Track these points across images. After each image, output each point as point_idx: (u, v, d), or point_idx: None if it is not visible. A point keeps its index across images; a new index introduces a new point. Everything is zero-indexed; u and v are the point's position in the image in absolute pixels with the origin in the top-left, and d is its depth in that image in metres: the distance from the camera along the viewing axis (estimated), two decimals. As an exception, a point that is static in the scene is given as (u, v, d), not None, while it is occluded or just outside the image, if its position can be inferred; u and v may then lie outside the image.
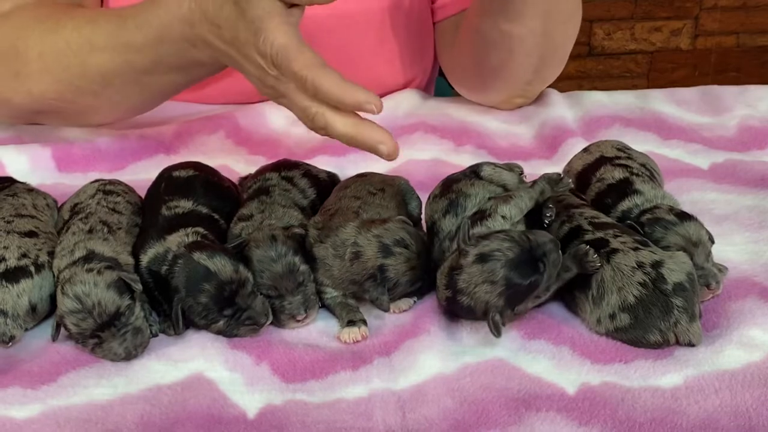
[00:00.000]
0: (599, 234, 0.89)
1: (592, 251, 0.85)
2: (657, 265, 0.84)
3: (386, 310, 0.87)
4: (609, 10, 3.00)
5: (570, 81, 2.92)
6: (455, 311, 0.87)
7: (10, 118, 1.23)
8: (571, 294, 0.88)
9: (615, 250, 0.86)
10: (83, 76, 1.11)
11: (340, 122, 0.90)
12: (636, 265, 0.84)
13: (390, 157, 0.89)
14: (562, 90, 1.40)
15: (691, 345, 0.83)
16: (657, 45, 3.10)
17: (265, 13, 0.92)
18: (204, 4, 0.99)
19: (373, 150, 0.90)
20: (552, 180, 0.91)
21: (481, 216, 0.89)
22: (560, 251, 0.85)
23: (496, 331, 0.82)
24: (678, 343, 0.83)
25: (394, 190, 0.98)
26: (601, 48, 3.04)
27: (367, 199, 0.94)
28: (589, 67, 3.05)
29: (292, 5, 0.93)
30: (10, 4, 1.18)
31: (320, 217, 0.93)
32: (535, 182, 0.92)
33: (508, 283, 0.83)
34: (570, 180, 0.92)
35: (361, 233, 0.88)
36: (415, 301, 0.90)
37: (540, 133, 1.28)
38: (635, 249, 0.86)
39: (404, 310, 0.90)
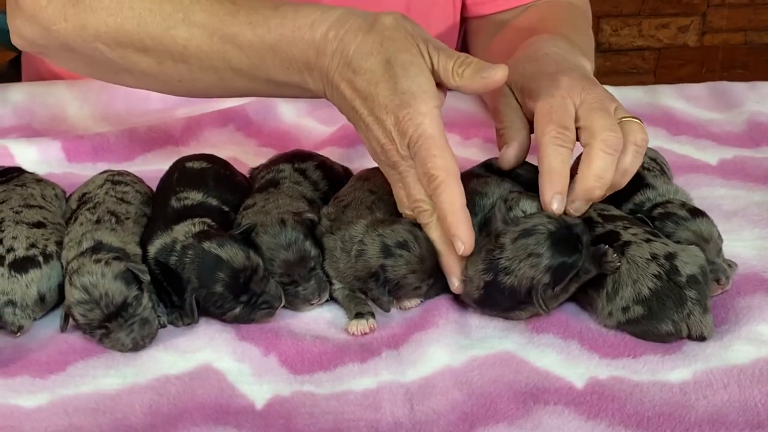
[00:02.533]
0: (609, 226, 0.89)
1: (611, 251, 0.85)
2: (671, 257, 0.84)
3: (386, 310, 0.87)
4: (617, 6, 3.00)
5: (577, 77, 2.91)
6: (492, 300, 0.85)
7: (33, 44, 1.08)
8: (584, 290, 0.87)
9: (628, 243, 0.86)
10: (159, 40, 0.97)
11: (436, 233, 0.87)
12: (650, 257, 0.84)
13: (455, 290, 0.88)
14: (569, 85, 1.39)
15: (701, 338, 0.83)
16: (664, 41, 3.10)
17: (420, 90, 0.86)
18: (347, 41, 0.89)
19: (446, 275, 0.88)
20: (594, 257, 0.88)
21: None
22: None
23: (545, 306, 0.82)
24: (689, 335, 0.84)
25: None
26: (609, 44, 3.04)
27: (382, 195, 0.93)
28: (596, 64, 3.04)
29: (438, 85, 0.88)
30: None
31: (333, 208, 0.93)
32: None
33: (554, 255, 0.82)
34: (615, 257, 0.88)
35: (368, 232, 0.88)
36: (421, 301, 0.90)
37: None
38: (647, 241, 0.86)
39: (408, 308, 0.90)
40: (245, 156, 1.17)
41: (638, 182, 0.97)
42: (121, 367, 0.82)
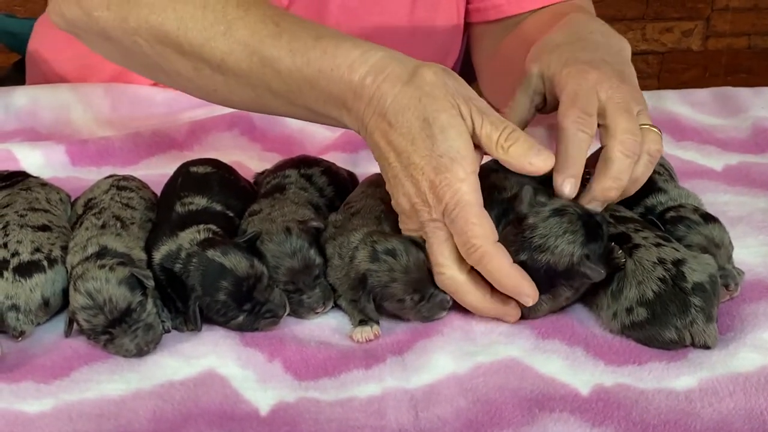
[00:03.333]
0: (621, 228, 0.89)
1: (617, 248, 0.85)
2: (679, 263, 0.84)
3: (373, 320, 0.87)
4: (620, 10, 2.99)
5: (580, 81, 2.91)
6: (530, 272, 0.84)
7: (74, 26, 1.05)
8: (593, 289, 0.87)
9: (637, 245, 0.86)
10: (198, 48, 0.95)
11: (472, 296, 0.86)
12: (657, 261, 0.84)
13: (510, 322, 0.87)
14: (573, 90, 1.39)
15: (705, 347, 0.83)
16: (668, 46, 3.10)
17: (459, 155, 0.83)
18: (384, 90, 0.86)
19: (501, 319, 0.87)
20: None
21: None
22: None
23: (598, 271, 0.83)
24: (693, 343, 0.83)
25: None
26: (612, 48, 3.03)
27: (390, 206, 0.92)
28: (599, 68, 3.05)
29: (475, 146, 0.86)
30: None
31: (341, 216, 0.93)
32: None
33: (588, 234, 0.83)
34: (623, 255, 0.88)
35: (364, 239, 0.88)
36: (377, 334, 0.87)
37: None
38: (657, 245, 0.86)
39: (359, 340, 0.86)
40: (249, 160, 1.17)
41: (649, 186, 0.96)
42: (126, 373, 0.82)
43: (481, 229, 0.83)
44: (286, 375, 0.82)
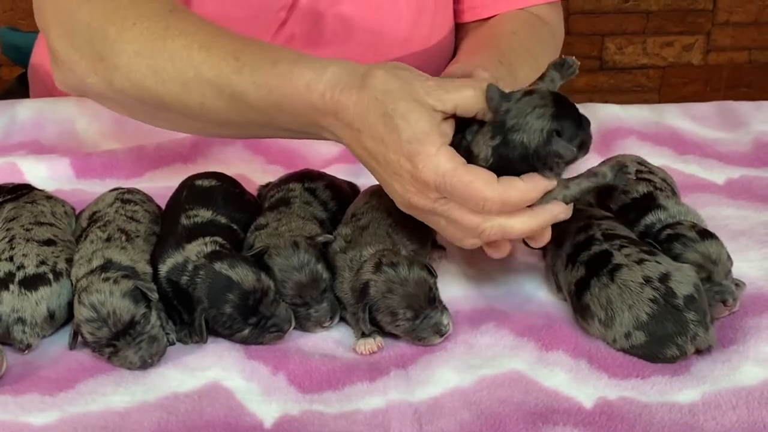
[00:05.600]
0: (605, 245, 0.89)
1: (629, 165, 0.85)
2: (665, 278, 0.84)
3: (365, 331, 0.87)
4: (621, 24, 3.00)
5: (581, 95, 2.92)
6: (504, 164, 0.83)
7: (77, 91, 1.12)
8: (584, 320, 0.88)
9: (618, 267, 0.86)
10: (178, 98, 0.99)
11: (518, 223, 0.84)
12: (643, 281, 0.84)
13: (566, 218, 0.86)
14: (572, 103, 1.39)
15: (708, 350, 0.84)
16: (669, 60, 3.10)
17: (423, 135, 0.84)
18: (342, 101, 0.87)
19: (554, 222, 0.86)
20: (614, 168, 0.87)
21: None
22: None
23: (569, 149, 0.82)
24: (697, 351, 0.84)
25: None
26: (613, 62, 3.04)
27: (398, 218, 0.93)
28: (600, 81, 3.05)
29: (446, 117, 0.86)
30: None
31: (350, 229, 0.93)
32: (596, 170, 0.87)
33: (559, 107, 0.82)
34: (632, 171, 0.88)
35: (375, 254, 0.88)
36: (380, 346, 0.87)
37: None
38: (639, 261, 0.86)
39: (362, 353, 0.87)
40: (253, 173, 1.17)
41: (650, 203, 0.97)
42: (130, 385, 0.82)
43: (480, 182, 0.83)
44: (290, 387, 0.82)
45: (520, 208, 0.84)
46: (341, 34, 1.28)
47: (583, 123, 0.84)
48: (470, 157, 0.84)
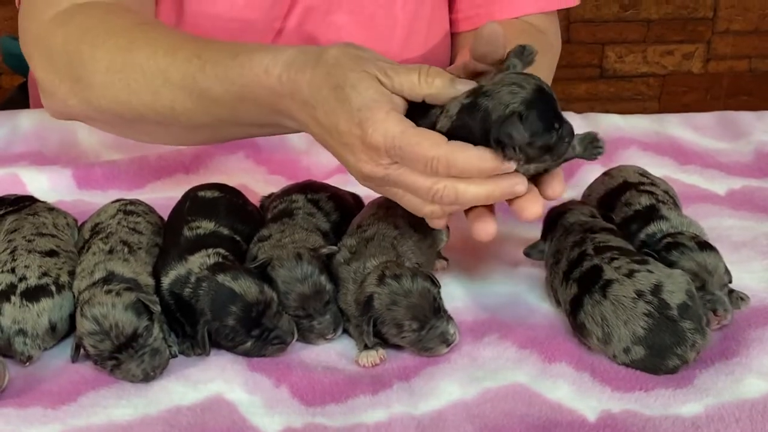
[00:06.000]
0: (596, 260, 0.89)
1: (601, 138, 0.85)
2: (657, 290, 0.84)
3: (368, 344, 0.87)
4: (621, 32, 3.01)
5: (581, 103, 2.92)
6: (462, 127, 0.83)
7: (63, 115, 1.16)
8: (583, 337, 0.87)
9: (609, 282, 0.86)
10: (151, 106, 1.02)
11: (472, 186, 0.84)
12: (636, 295, 0.84)
13: (522, 192, 0.85)
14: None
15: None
16: (669, 68, 3.11)
17: (373, 101, 0.85)
18: (298, 80, 0.90)
19: (510, 194, 0.85)
20: (583, 140, 0.87)
21: None
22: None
23: (522, 134, 0.80)
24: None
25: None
26: (613, 71, 3.05)
27: (405, 231, 0.93)
28: (600, 90, 3.06)
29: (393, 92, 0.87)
30: (68, 2, 1.10)
31: (354, 240, 0.93)
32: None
33: (536, 95, 0.81)
34: (603, 145, 0.87)
35: (379, 266, 0.88)
36: (383, 358, 0.87)
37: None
38: (630, 274, 0.85)
39: (365, 365, 0.87)
40: (255, 184, 1.18)
41: (653, 214, 0.97)
42: (133, 398, 0.82)
43: (428, 141, 0.83)
44: (293, 400, 0.82)
45: (470, 176, 0.84)
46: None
47: (553, 128, 0.82)
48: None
